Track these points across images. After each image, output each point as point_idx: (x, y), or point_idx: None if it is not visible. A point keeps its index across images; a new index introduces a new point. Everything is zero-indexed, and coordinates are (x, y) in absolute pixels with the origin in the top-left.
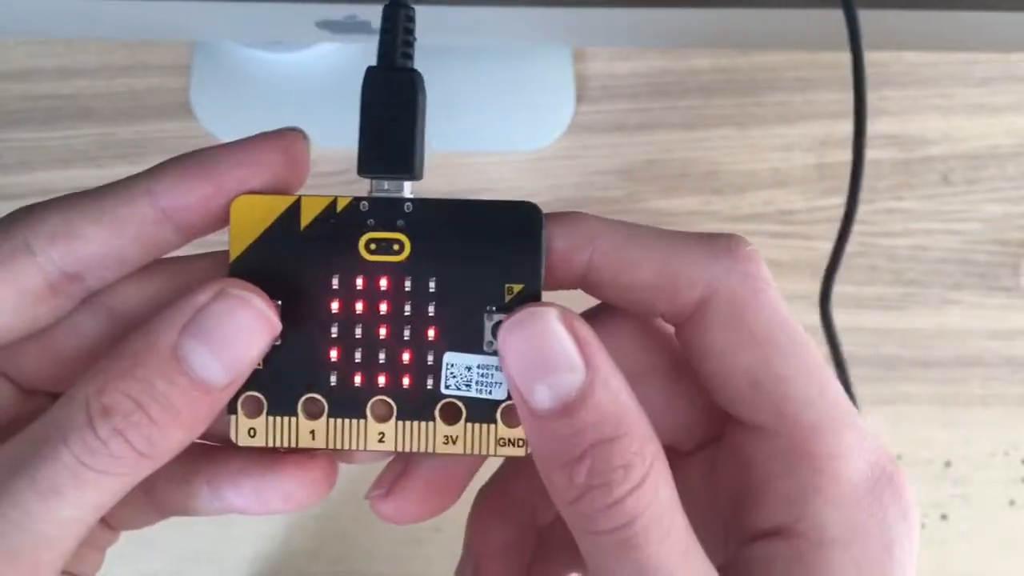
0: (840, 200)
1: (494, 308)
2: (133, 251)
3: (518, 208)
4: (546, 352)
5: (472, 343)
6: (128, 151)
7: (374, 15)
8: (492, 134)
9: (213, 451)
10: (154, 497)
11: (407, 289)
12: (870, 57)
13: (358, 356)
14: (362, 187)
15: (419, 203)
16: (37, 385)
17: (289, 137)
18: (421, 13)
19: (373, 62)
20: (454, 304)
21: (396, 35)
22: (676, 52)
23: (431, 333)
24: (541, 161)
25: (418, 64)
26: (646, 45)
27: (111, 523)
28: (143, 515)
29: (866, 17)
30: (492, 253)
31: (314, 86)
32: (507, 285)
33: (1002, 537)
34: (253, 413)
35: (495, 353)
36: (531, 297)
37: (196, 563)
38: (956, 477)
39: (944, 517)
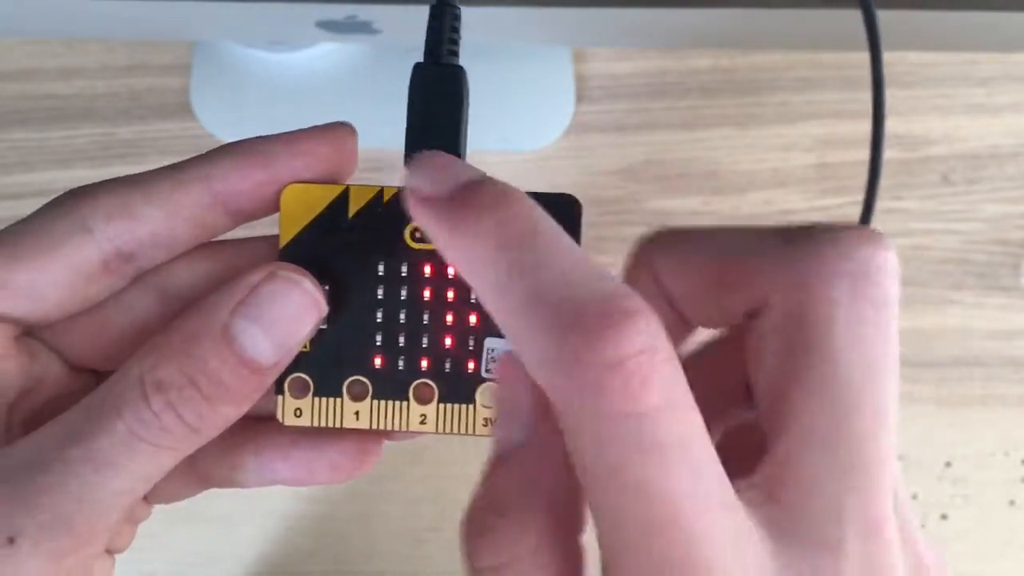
0: (840, 200)
1: None
2: (185, 233)
3: (558, 199)
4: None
5: None
6: (128, 151)
7: (374, 15)
8: (492, 134)
9: (259, 424)
10: (198, 469)
11: (449, 276)
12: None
13: (402, 340)
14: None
15: None
16: (85, 362)
17: (341, 130)
18: (422, 13)
19: (373, 62)
20: None
21: (443, 32)
22: (676, 52)
23: (472, 319)
24: (541, 161)
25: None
26: (646, 45)
27: (147, 496)
28: (183, 488)
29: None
30: None
31: (314, 86)
32: None
33: (1002, 537)
34: (299, 394)
35: None
36: None
37: (197, 563)
38: (956, 477)
39: (944, 517)
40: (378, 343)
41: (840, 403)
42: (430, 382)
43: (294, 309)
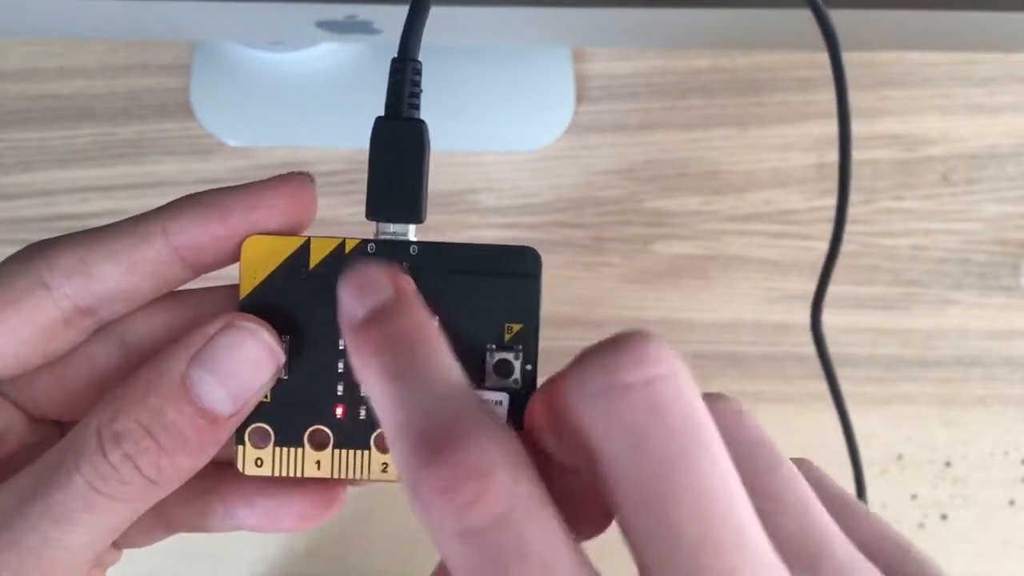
0: None
1: (495, 346)
2: (145, 286)
3: (518, 252)
4: None
5: (474, 379)
6: (128, 151)
7: (374, 15)
8: (492, 134)
9: (226, 470)
10: (164, 516)
11: None
12: (872, 57)
13: (364, 390)
14: (358, 214)
15: (424, 246)
16: (46, 414)
17: (298, 181)
18: None
19: (373, 62)
20: (457, 342)
21: (404, 86)
22: (676, 52)
23: None
24: (541, 161)
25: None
26: (646, 45)
27: (116, 542)
28: (150, 533)
29: (867, 17)
30: (493, 294)
31: (314, 86)
32: (507, 324)
33: (1002, 537)
34: (260, 444)
35: (497, 388)
36: (529, 335)
37: (195, 564)
38: (956, 477)
39: (944, 517)
40: (339, 393)
41: (651, 510)
42: None
43: (251, 359)
